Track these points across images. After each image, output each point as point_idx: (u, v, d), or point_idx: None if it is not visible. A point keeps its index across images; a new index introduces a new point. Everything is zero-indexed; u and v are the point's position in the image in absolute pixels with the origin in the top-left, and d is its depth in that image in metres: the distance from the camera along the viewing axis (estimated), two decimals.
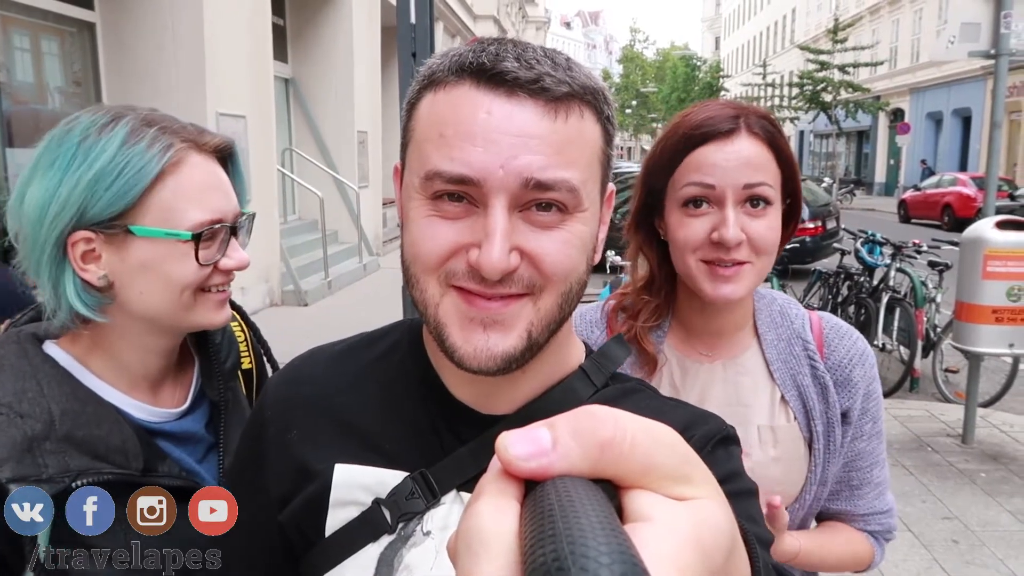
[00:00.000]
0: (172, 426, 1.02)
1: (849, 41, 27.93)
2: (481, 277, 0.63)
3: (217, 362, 1.09)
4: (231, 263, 1.00)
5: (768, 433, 1.16)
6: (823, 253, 10.36)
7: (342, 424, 0.76)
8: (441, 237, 0.64)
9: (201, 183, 0.96)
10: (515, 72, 0.61)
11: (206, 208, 0.96)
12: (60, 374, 0.92)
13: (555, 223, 0.64)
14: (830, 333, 1.21)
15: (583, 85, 0.64)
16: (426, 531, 0.71)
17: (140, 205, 0.91)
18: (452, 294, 0.65)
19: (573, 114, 0.63)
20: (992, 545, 3.51)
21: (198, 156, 0.97)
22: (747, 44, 59.51)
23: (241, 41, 7.60)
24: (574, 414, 0.30)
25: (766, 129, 1.10)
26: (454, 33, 19.83)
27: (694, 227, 1.09)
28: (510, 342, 0.65)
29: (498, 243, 0.61)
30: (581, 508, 0.26)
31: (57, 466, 0.85)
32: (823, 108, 28.53)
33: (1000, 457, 4.54)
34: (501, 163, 0.61)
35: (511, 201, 0.62)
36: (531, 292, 0.65)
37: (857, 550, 1.25)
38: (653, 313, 1.21)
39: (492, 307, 0.64)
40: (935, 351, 5.80)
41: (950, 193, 19.23)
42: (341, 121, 11.01)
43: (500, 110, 0.61)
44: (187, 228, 0.94)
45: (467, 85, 0.63)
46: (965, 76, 25.19)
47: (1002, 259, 4.26)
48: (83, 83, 7.02)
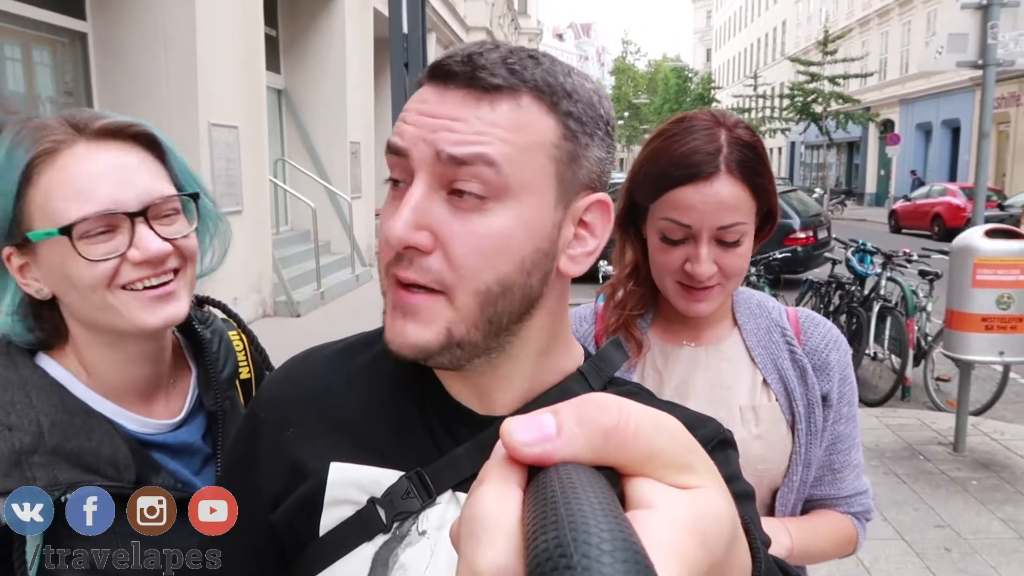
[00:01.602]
0: (167, 437, 1.00)
1: (839, 53, 28.13)
2: (400, 260, 0.65)
3: (214, 372, 1.07)
4: (139, 255, 0.90)
5: (750, 412, 1.21)
6: (815, 263, 10.39)
7: (338, 423, 0.76)
8: (384, 227, 0.66)
9: (84, 174, 0.88)
10: (451, 66, 0.64)
11: (89, 200, 0.88)
12: (49, 385, 0.91)
13: (473, 208, 0.63)
14: (805, 322, 1.29)
15: (527, 79, 0.64)
16: (421, 531, 0.71)
17: (24, 212, 0.88)
18: (392, 289, 0.68)
19: (505, 103, 0.63)
20: (984, 553, 3.51)
21: (83, 146, 0.89)
22: (738, 56, 59.89)
23: (233, 52, 7.60)
24: (579, 401, 0.30)
25: (746, 166, 1.11)
26: (446, 44, 19.89)
27: (670, 256, 1.15)
28: (426, 335, 0.65)
29: (404, 213, 0.63)
30: (584, 495, 0.26)
31: (46, 479, 0.83)
32: (814, 119, 28.70)
33: (991, 465, 4.56)
34: (422, 136, 0.64)
35: (433, 178, 0.64)
36: (443, 291, 0.65)
37: (844, 534, 1.29)
38: (639, 302, 1.27)
39: (409, 299, 0.66)
40: (926, 360, 5.82)
41: (940, 203, 19.35)
42: (334, 132, 11.02)
43: (433, 97, 0.65)
44: (66, 224, 0.87)
45: (425, 82, 0.67)
46: (953, 87, 25.40)
47: (992, 267, 4.29)
48: (75, 93, 7.01)
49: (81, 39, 6.88)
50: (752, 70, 46.55)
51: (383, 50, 11.33)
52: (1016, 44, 4.69)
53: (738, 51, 59.97)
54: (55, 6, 6.52)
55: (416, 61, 3.86)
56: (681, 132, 1.14)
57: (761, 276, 6.60)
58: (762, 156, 1.15)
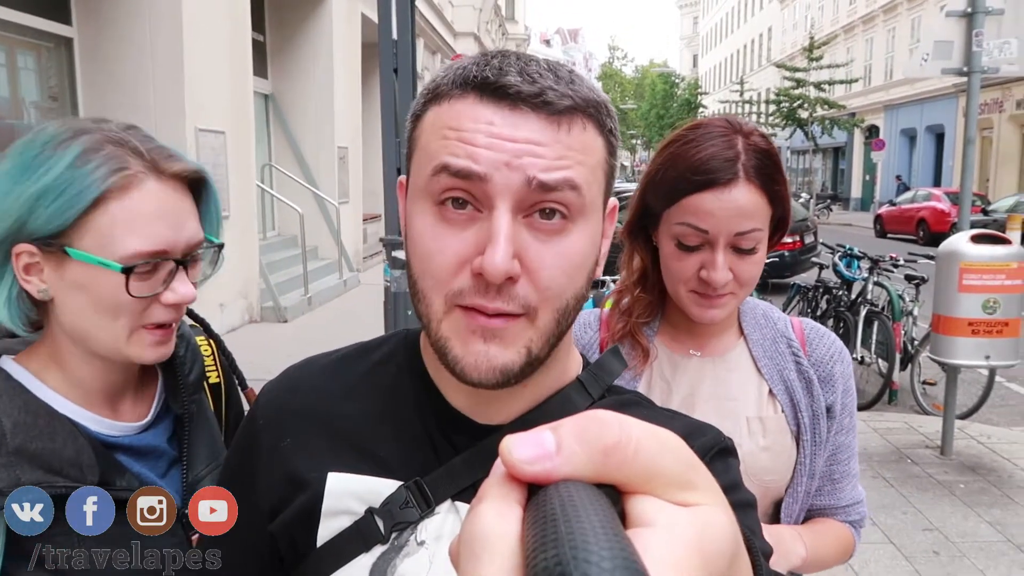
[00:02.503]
0: (133, 440, 1.00)
1: (824, 59, 28.41)
2: (484, 289, 0.63)
3: (181, 375, 1.07)
4: (173, 297, 0.94)
5: (757, 424, 1.21)
6: (802, 267, 10.46)
7: (336, 433, 0.75)
8: (449, 251, 0.64)
9: (149, 212, 0.90)
10: (518, 86, 0.62)
11: (148, 239, 0.90)
12: (12, 387, 0.91)
13: (558, 230, 0.64)
14: (811, 333, 1.29)
15: (585, 98, 0.65)
16: (420, 541, 0.70)
17: (78, 227, 0.89)
18: (456, 312, 0.65)
19: (576, 126, 0.64)
20: (972, 556, 3.53)
21: (154, 183, 0.92)
22: (725, 62, 60.28)
23: (220, 57, 7.57)
24: (579, 418, 0.30)
25: (763, 173, 1.12)
26: (434, 50, 19.91)
27: (685, 263, 1.15)
28: (509, 355, 0.65)
29: (502, 245, 0.61)
30: (584, 513, 0.26)
31: (8, 480, 0.83)
32: (800, 125, 28.93)
33: (978, 468, 4.59)
34: (506, 161, 0.61)
35: (515, 204, 0.62)
36: (527, 313, 0.64)
37: (845, 542, 1.31)
38: (646, 309, 1.26)
39: (492, 323, 0.64)
40: (913, 364, 5.86)
41: (925, 208, 19.52)
42: (321, 137, 10.99)
43: (503, 121, 0.62)
44: (121, 257, 0.89)
45: (471, 99, 0.64)
46: (938, 94, 25.64)
47: (977, 272, 4.32)
48: (60, 98, 6.96)
49: (67, 44, 6.83)
50: (738, 76, 46.90)
51: (371, 55, 11.34)
52: (1000, 52, 4.74)
53: (724, 57, 60.35)
54: (40, 11, 6.47)
55: (405, 66, 3.86)
56: (698, 138, 1.14)
57: None
58: (777, 163, 1.15)
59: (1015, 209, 14.91)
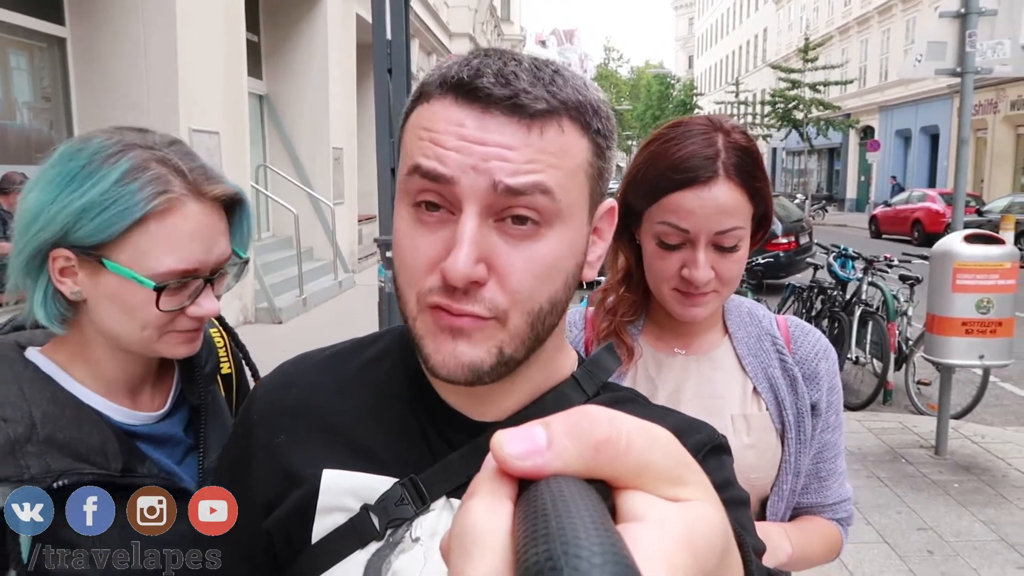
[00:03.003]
0: (151, 429, 1.04)
1: (819, 60, 28.48)
2: (451, 291, 0.63)
3: (197, 368, 1.11)
4: (199, 311, 0.99)
5: (742, 422, 1.21)
6: (796, 268, 10.49)
7: (331, 429, 0.75)
8: (420, 252, 0.64)
9: (186, 233, 0.95)
10: (489, 88, 0.61)
11: (182, 258, 0.95)
12: (41, 379, 0.95)
13: (528, 235, 0.63)
14: (796, 331, 1.29)
15: (564, 100, 0.64)
16: (415, 537, 0.70)
17: (118, 242, 0.92)
18: (427, 311, 0.65)
19: (550, 129, 0.63)
20: (966, 555, 3.54)
21: (194, 204, 0.95)
22: (720, 63, 60.42)
23: (215, 57, 7.56)
24: (570, 413, 0.30)
25: (743, 170, 1.11)
26: (429, 51, 19.91)
27: (667, 262, 1.15)
28: (478, 353, 0.65)
29: (465, 249, 0.61)
30: (575, 508, 0.26)
31: (38, 467, 0.87)
32: (795, 126, 28.99)
33: (972, 468, 4.60)
34: (472, 164, 0.61)
35: (483, 208, 0.62)
36: (496, 317, 0.64)
37: (832, 540, 1.31)
38: (630, 308, 1.26)
39: (458, 322, 0.64)
40: (907, 364, 5.87)
41: (919, 209, 19.59)
42: (316, 138, 10.99)
43: (474, 123, 0.62)
44: (155, 275, 0.93)
45: (448, 100, 0.64)
46: (932, 95, 25.74)
47: (971, 272, 4.33)
48: (53, 99, 6.94)
49: (60, 44, 6.82)
50: (734, 77, 46.99)
51: (366, 56, 11.34)
52: (994, 52, 4.76)
53: (720, 58, 60.49)
54: (33, 11, 6.46)
55: (399, 67, 3.85)
56: (678, 136, 1.14)
57: (744, 281, 6.64)
58: (758, 161, 1.15)
59: (1009, 210, 15.00)
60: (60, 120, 7.00)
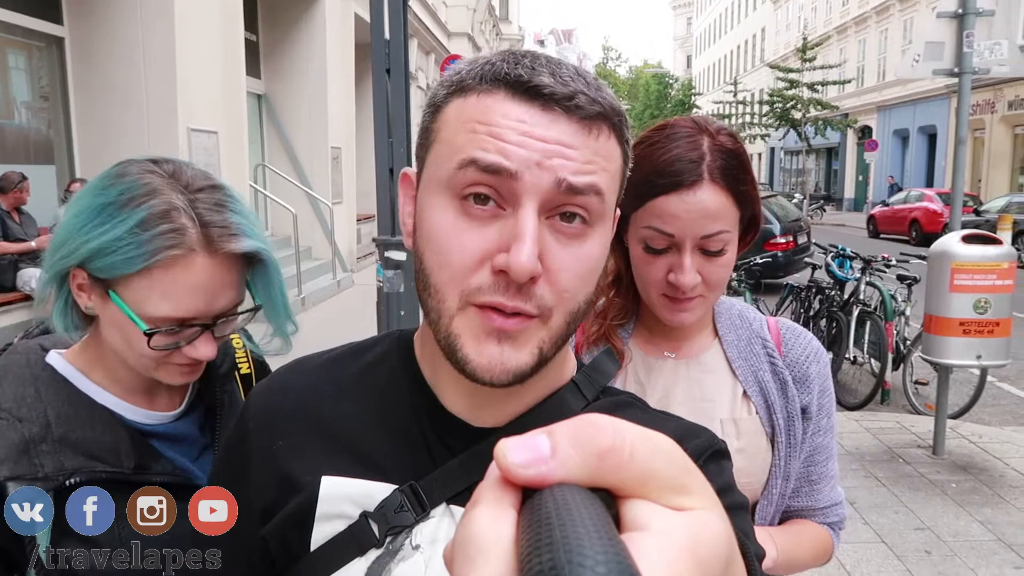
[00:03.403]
0: (167, 428, 1.08)
1: (817, 60, 28.48)
2: (504, 287, 0.62)
3: (213, 368, 1.14)
4: (193, 353, 1.00)
5: (731, 426, 1.20)
6: (795, 268, 10.49)
7: (329, 435, 0.74)
8: (470, 245, 0.63)
9: (188, 286, 0.95)
10: (551, 87, 0.62)
11: (178, 307, 0.96)
12: (57, 381, 1.00)
13: (578, 234, 0.64)
14: (786, 333, 1.27)
15: (612, 107, 0.65)
16: (415, 545, 0.70)
17: (124, 281, 0.95)
18: (471, 310, 0.64)
19: (602, 134, 0.64)
20: (963, 555, 3.55)
21: (203, 260, 0.96)
22: (718, 62, 60.38)
23: (213, 56, 7.55)
24: (574, 422, 0.30)
25: (728, 173, 1.11)
26: (428, 50, 19.89)
27: (653, 266, 1.14)
28: (523, 358, 0.64)
29: (529, 244, 0.60)
30: (579, 517, 0.26)
31: (52, 466, 0.91)
32: (793, 125, 28.99)
33: (970, 467, 4.61)
34: (537, 160, 0.61)
35: (542, 204, 0.62)
36: (542, 315, 0.64)
37: (823, 544, 1.29)
38: (620, 312, 1.26)
39: (508, 324, 0.63)
40: (905, 364, 5.88)
41: (917, 208, 19.60)
42: (314, 137, 10.97)
43: (535, 120, 0.62)
44: (150, 318, 0.95)
45: (501, 95, 0.63)
46: (930, 94, 25.75)
47: (969, 272, 4.34)
48: (51, 98, 6.93)
49: (58, 43, 6.81)
50: (732, 76, 46.98)
51: (365, 56, 11.33)
52: (991, 53, 4.77)
53: (718, 58, 60.45)
54: (31, 10, 6.45)
55: (398, 66, 3.85)
56: (663, 140, 1.13)
57: (742, 281, 6.64)
58: (745, 163, 1.14)
59: (1006, 209, 15.01)
60: (58, 120, 6.99)
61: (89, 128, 6.96)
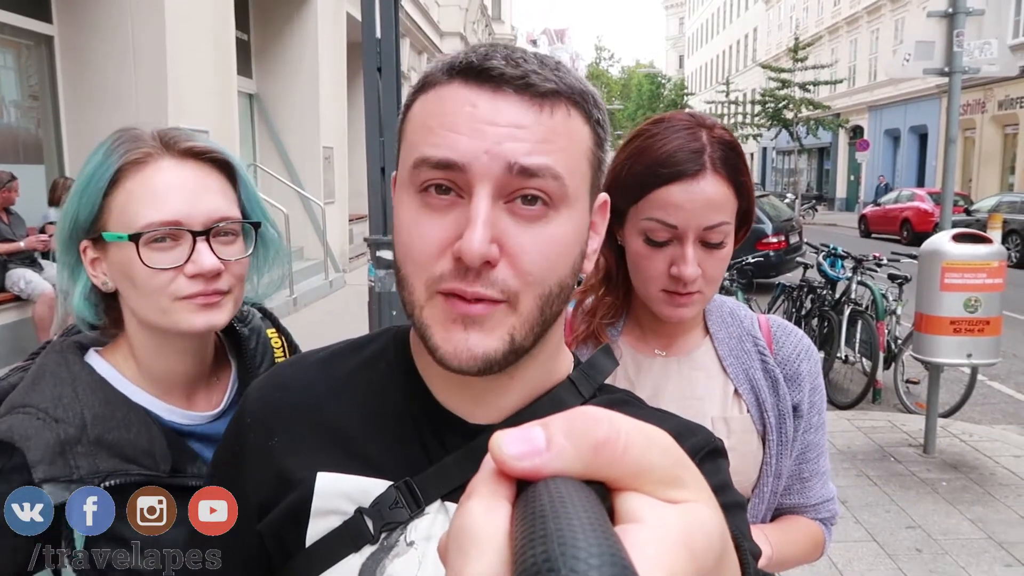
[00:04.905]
0: (204, 428, 1.07)
1: (809, 60, 28.58)
2: (463, 273, 0.62)
3: (252, 367, 1.14)
4: (193, 268, 0.97)
5: (722, 424, 1.20)
6: (787, 267, 10.53)
7: (325, 431, 0.74)
8: (429, 236, 0.64)
9: (161, 184, 0.96)
10: (501, 69, 0.62)
11: (160, 209, 0.95)
12: (95, 381, 0.98)
13: (539, 216, 0.64)
14: (778, 331, 1.27)
15: (570, 85, 0.65)
16: (409, 541, 0.70)
17: (105, 210, 0.97)
18: (437, 298, 0.65)
19: (559, 111, 0.64)
20: (954, 553, 3.56)
21: (168, 160, 0.98)
22: (711, 62, 60.55)
23: (204, 56, 7.53)
24: (569, 415, 0.30)
25: (729, 163, 1.11)
26: (420, 50, 19.87)
27: (655, 261, 1.13)
28: (491, 343, 0.64)
29: (479, 229, 0.60)
30: (573, 509, 0.26)
31: (88, 468, 0.90)
32: (785, 125, 29.12)
33: (960, 466, 4.63)
34: (485, 148, 0.61)
35: (496, 189, 0.62)
36: (508, 300, 0.64)
37: (815, 540, 1.30)
38: (610, 309, 1.25)
39: (472, 309, 0.63)
40: (896, 362, 5.90)
41: (908, 208, 19.70)
42: (306, 137, 10.95)
43: (486, 104, 0.62)
44: (135, 229, 0.95)
45: (456, 84, 0.64)
46: (921, 94, 25.87)
47: (959, 271, 4.36)
48: (40, 97, 6.90)
49: (47, 42, 6.77)
50: (724, 76, 47.14)
51: (356, 55, 11.28)
52: (981, 52, 4.79)
53: (710, 58, 60.63)
54: (20, 8, 6.41)
55: (389, 65, 3.84)
56: (662, 132, 1.13)
57: (734, 280, 6.65)
58: (742, 155, 1.15)
59: (997, 209, 15.07)
60: (47, 119, 6.96)
61: (78, 127, 6.93)
